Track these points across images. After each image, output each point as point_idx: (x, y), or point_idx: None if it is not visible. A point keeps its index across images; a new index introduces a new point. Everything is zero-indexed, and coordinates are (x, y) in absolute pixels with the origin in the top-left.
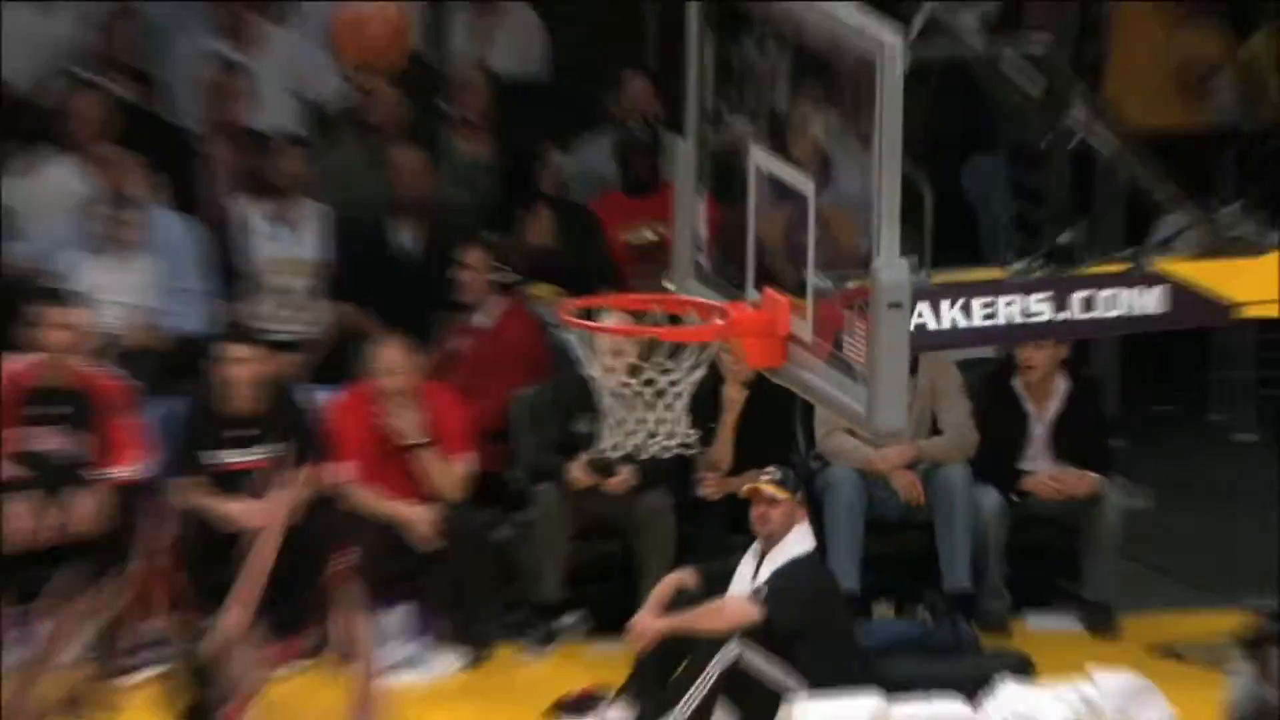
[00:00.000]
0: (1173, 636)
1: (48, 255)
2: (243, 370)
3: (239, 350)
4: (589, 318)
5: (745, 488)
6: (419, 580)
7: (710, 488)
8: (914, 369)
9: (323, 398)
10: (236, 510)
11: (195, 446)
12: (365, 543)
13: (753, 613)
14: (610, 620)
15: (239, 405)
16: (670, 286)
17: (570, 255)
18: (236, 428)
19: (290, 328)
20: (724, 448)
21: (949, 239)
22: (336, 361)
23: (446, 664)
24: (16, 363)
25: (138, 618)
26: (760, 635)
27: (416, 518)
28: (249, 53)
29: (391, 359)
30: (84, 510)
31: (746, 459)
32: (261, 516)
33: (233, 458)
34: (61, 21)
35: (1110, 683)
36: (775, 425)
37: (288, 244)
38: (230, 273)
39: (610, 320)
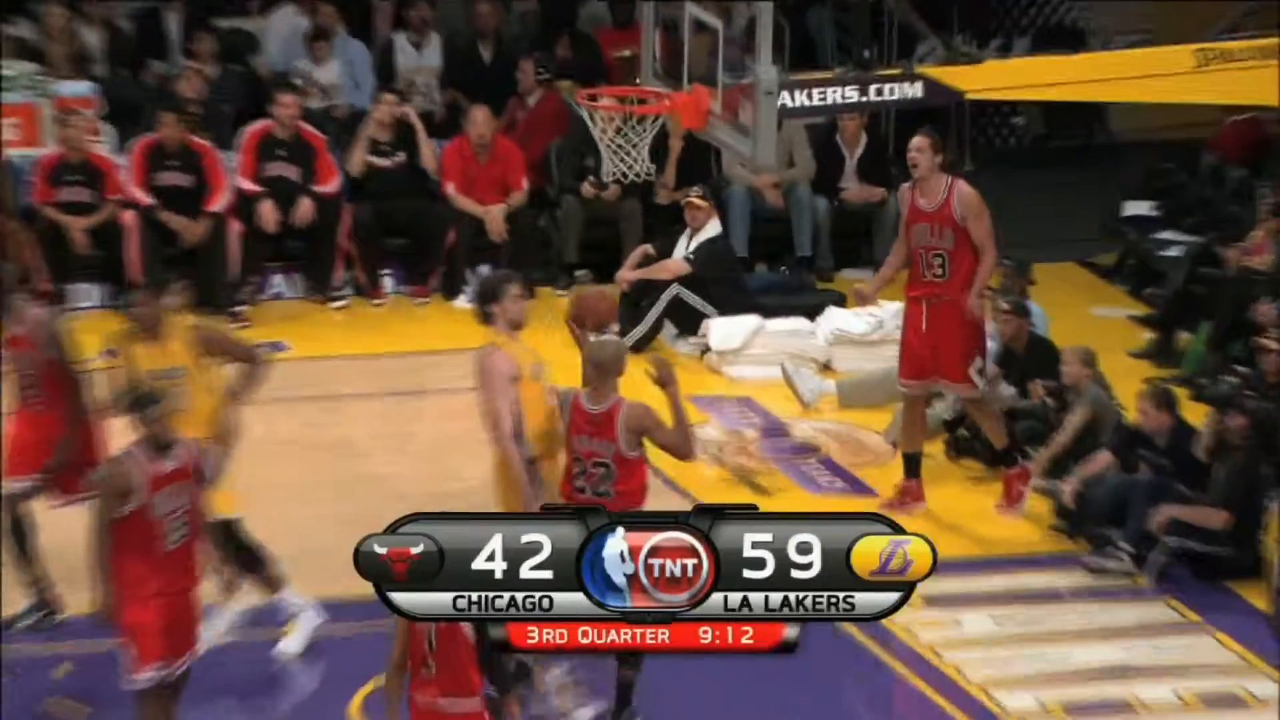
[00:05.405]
0: None
1: (278, 62)
2: (385, 114)
3: (386, 99)
4: (593, 100)
5: (683, 199)
6: (495, 250)
7: (663, 198)
8: (779, 129)
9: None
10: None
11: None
12: (462, 227)
13: (685, 267)
14: (606, 274)
15: (385, 136)
16: (639, 82)
17: (582, 63)
18: (384, 146)
19: (421, 106)
20: (670, 175)
21: (800, 55)
22: (448, 123)
23: None
24: (257, 124)
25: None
26: (689, 281)
27: (493, 214)
28: None
29: (479, 122)
30: (302, 211)
31: (683, 181)
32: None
33: (381, 163)
34: None
35: (889, 308)
36: (699, 162)
37: (419, 58)
38: (385, 73)
39: (605, 101)
